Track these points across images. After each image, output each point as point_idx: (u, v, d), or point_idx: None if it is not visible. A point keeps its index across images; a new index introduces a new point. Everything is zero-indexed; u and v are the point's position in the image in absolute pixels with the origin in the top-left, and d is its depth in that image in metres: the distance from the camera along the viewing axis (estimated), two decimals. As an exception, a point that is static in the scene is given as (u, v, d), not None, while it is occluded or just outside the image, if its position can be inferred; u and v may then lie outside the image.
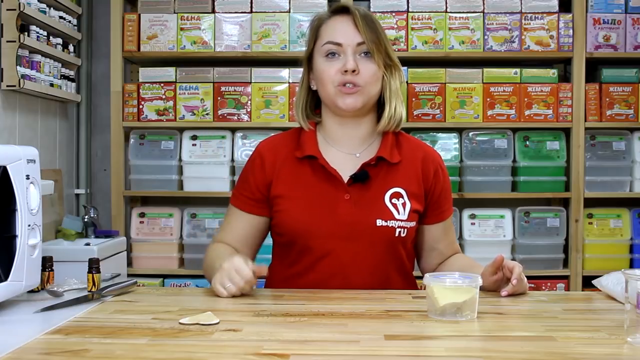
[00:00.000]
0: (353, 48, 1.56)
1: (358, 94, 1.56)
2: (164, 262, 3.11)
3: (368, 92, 1.58)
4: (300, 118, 1.67)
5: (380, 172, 1.61)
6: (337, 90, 1.57)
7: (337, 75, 1.56)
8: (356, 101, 1.57)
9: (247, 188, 1.66)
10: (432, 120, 3.08)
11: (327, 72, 1.57)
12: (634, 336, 1.10)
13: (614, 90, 3.08)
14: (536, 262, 3.07)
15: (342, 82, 1.56)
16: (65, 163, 3.14)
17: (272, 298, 1.46)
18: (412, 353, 1.06)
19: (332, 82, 1.57)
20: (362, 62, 1.57)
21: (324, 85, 1.59)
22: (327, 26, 1.61)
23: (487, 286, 1.49)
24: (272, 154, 1.65)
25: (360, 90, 1.56)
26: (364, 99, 1.58)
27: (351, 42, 1.56)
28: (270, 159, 1.64)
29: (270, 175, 1.63)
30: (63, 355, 1.03)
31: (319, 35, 1.61)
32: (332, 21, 1.61)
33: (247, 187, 1.66)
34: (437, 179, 1.66)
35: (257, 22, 3.07)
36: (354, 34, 1.57)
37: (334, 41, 1.57)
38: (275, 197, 1.62)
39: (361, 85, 1.56)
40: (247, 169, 1.69)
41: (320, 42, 1.60)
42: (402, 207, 1.59)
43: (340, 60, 1.57)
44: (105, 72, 3.19)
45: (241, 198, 1.66)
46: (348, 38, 1.57)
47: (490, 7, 3.08)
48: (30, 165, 1.37)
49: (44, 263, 1.50)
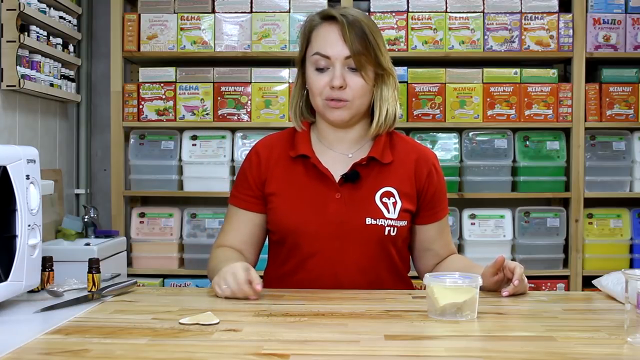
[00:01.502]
0: (341, 61, 1.55)
1: (345, 109, 1.57)
2: (164, 262, 3.11)
3: (356, 106, 1.58)
4: (294, 118, 1.68)
5: (371, 172, 1.62)
6: (325, 104, 1.58)
7: (325, 89, 1.56)
8: (343, 115, 1.58)
9: (247, 186, 1.66)
10: (432, 120, 3.08)
11: (316, 84, 1.58)
12: (634, 336, 1.10)
13: (614, 90, 3.08)
14: (536, 262, 3.07)
15: (329, 97, 1.56)
16: (65, 163, 3.14)
17: (272, 298, 1.46)
18: (412, 353, 1.06)
19: (320, 94, 1.57)
20: (350, 77, 1.56)
21: (313, 96, 1.60)
22: (318, 34, 1.59)
23: (488, 287, 1.49)
24: (267, 151, 1.67)
25: (348, 105, 1.57)
26: (351, 112, 1.58)
27: (339, 55, 1.55)
28: (266, 156, 1.66)
29: (265, 173, 1.64)
30: (63, 355, 1.03)
31: (310, 41, 1.60)
32: (322, 29, 1.58)
33: (247, 185, 1.66)
34: (431, 179, 1.66)
35: (257, 22, 3.07)
36: (342, 46, 1.55)
37: (322, 53, 1.56)
38: (269, 194, 1.63)
39: (349, 100, 1.56)
40: (244, 167, 1.69)
41: (310, 51, 1.59)
42: (393, 206, 1.60)
43: (328, 74, 1.56)
44: (105, 72, 3.19)
45: (241, 197, 1.67)
46: (335, 51, 1.55)
47: (490, 7, 3.08)
48: (30, 165, 1.37)
49: (44, 263, 1.50)
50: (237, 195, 1.68)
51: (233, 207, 1.69)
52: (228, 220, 1.70)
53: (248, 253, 1.66)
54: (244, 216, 1.67)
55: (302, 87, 1.67)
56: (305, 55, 1.62)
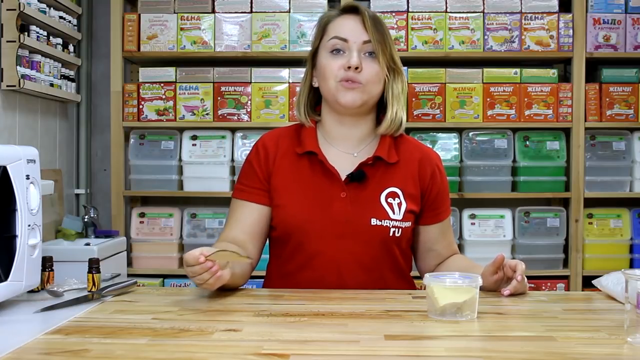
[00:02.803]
0: (359, 45, 1.57)
1: (359, 91, 1.57)
2: (164, 262, 3.11)
3: (369, 90, 1.58)
4: (302, 114, 1.67)
5: (377, 171, 1.62)
6: (339, 85, 1.57)
7: (339, 71, 1.57)
8: (356, 98, 1.57)
9: (254, 177, 1.64)
10: (432, 120, 3.08)
11: (330, 66, 1.58)
12: (634, 336, 1.10)
13: (614, 90, 3.08)
14: (536, 262, 3.07)
15: (345, 77, 1.57)
16: (65, 163, 3.14)
17: (272, 298, 1.46)
18: (412, 353, 1.06)
19: (335, 77, 1.57)
20: (366, 61, 1.58)
21: (325, 80, 1.59)
22: (335, 23, 1.62)
23: (488, 286, 1.49)
24: (274, 145, 1.66)
25: (362, 88, 1.57)
26: (364, 96, 1.58)
27: (357, 40, 1.58)
28: (273, 149, 1.65)
29: (272, 166, 1.63)
30: (63, 355, 1.03)
31: (326, 31, 1.63)
32: (341, 19, 1.62)
33: (254, 177, 1.64)
34: (434, 180, 1.66)
35: (257, 22, 3.07)
36: (361, 32, 1.58)
37: (340, 36, 1.58)
38: (274, 189, 1.62)
39: (362, 83, 1.57)
40: (251, 159, 1.67)
41: (327, 38, 1.61)
42: (398, 207, 1.60)
43: (345, 57, 1.58)
44: (105, 72, 3.19)
45: (247, 189, 1.64)
46: (354, 35, 1.58)
47: (490, 7, 3.08)
48: (30, 165, 1.37)
49: (44, 263, 1.50)
50: (242, 188, 1.65)
51: (238, 201, 1.65)
52: (232, 213, 1.66)
53: (251, 245, 1.61)
54: (249, 208, 1.63)
55: (310, 83, 1.67)
56: (319, 46, 1.63)
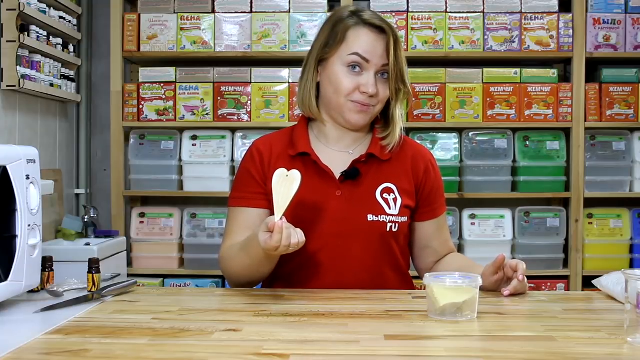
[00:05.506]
0: (377, 67, 1.58)
1: (367, 113, 1.60)
2: (164, 262, 3.11)
3: (376, 112, 1.62)
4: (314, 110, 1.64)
5: (371, 168, 1.62)
6: (350, 105, 1.58)
7: (355, 92, 1.57)
8: (365, 119, 1.61)
9: (252, 182, 1.63)
10: (432, 120, 3.08)
11: (346, 85, 1.57)
12: (634, 336, 1.10)
13: (614, 90, 3.08)
14: (536, 262, 3.07)
15: (359, 101, 1.58)
16: (65, 163, 3.14)
17: (272, 298, 1.46)
18: (412, 353, 1.06)
19: (348, 95, 1.58)
20: (379, 83, 1.59)
21: (337, 93, 1.59)
22: (358, 35, 1.58)
23: (488, 286, 1.49)
24: (267, 148, 1.66)
25: (370, 110, 1.60)
26: (371, 117, 1.62)
27: (378, 62, 1.57)
28: (267, 153, 1.65)
29: (268, 170, 1.62)
30: (63, 355, 1.03)
31: (346, 40, 1.58)
32: (365, 33, 1.58)
33: (252, 182, 1.63)
34: (428, 175, 1.67)
35: (257, 22, 3.07)
36: (383, 54, 1.57)
37: (363, 55, 1.57)
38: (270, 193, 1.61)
39: (373, 105, 1.60)
40: (246, 164, 1.66)
41: (346, 49, 1.58)
42: (393, 202, 1.61)
43: (363, 77, 1.57)
44: (105, 72, 3.19)
45: (247, 196, 1.63)
46: (377, 57, 1.57)
47: (490, 7, 3.08)
48: (30, 165, 1.37)
49: (44, 263, 1.50)
50: (240, 196, 1.64)
51: (237, 209, 1.64)
52: (233, 222, 1.64)
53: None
54: (251, 214, 1.62)
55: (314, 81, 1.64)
56: (335, 51, 1.59)
